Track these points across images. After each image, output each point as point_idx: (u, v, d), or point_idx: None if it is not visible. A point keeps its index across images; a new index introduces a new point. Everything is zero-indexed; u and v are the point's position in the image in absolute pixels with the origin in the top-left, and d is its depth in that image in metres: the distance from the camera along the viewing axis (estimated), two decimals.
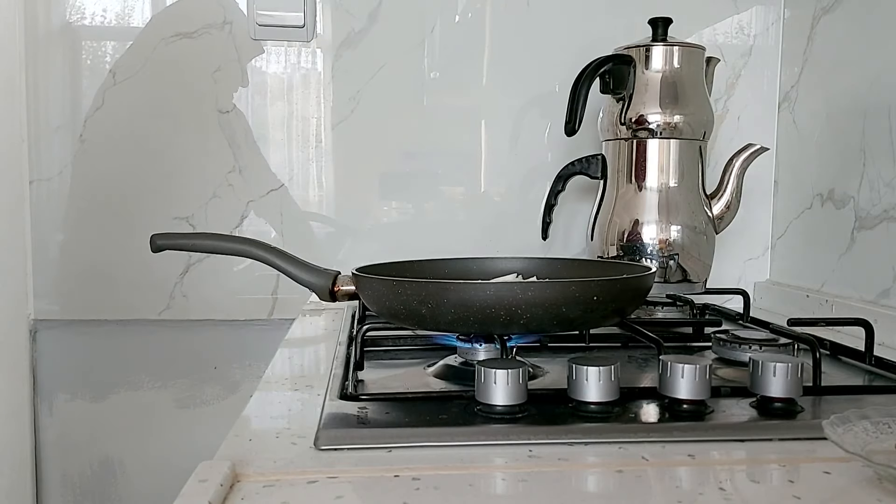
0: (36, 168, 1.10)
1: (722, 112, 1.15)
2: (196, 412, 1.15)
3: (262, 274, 1.12)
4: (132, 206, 1.11)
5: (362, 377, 0.65)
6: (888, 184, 0.89)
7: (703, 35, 1.15)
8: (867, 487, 0.42)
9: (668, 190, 0.97)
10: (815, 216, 1.05)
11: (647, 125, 0.96)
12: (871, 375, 0.68)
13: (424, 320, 0.62)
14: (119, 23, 1.10)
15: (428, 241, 1.13)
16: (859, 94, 0.96)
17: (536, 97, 1.15)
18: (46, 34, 1.09)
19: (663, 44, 0.96)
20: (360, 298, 0.71)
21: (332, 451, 0.48)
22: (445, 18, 1.14)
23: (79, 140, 1.10)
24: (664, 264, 0.96)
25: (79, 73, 1.09)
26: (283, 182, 1.13)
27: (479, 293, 0.60)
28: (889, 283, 0.89)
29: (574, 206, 1.13)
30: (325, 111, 1.14)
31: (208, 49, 1.10)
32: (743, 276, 1.18)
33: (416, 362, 0.71)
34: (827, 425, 0.45)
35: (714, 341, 0.72)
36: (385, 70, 1.13)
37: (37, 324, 1.12)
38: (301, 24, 1.10)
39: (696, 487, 0.44)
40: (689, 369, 0.52)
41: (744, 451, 0.49)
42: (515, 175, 1.17)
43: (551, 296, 0.60)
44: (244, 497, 0.41)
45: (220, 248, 0.79)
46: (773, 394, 0.53)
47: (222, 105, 1.11)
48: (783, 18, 1.15)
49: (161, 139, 1.11)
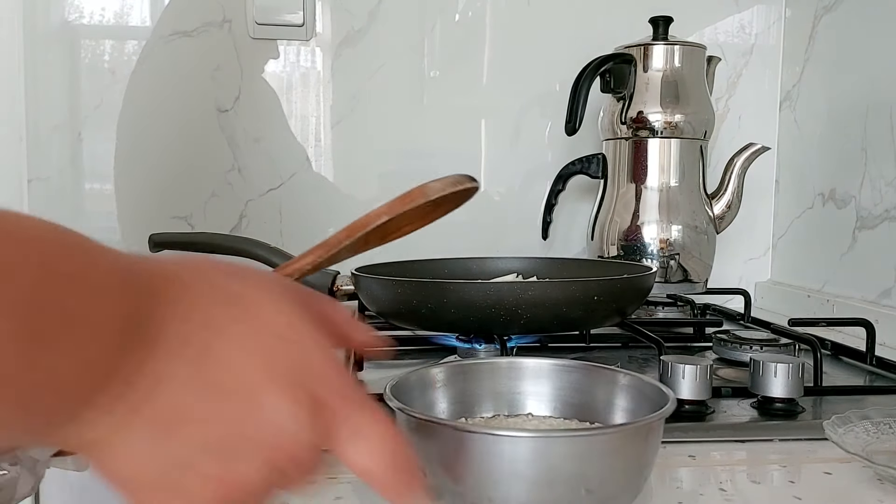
0: (34, 167, 1.09)
1: (723, 111, 1.15)
2: None
3: None
4: (131, 206, 1.11)
5: (362, 377, 0.65)
6: (890, 183, 0.89)
7: (704, 34, 1.14)
8: (868, 488, 0.42)
9: (668, 189, 0.97)
10: (817, 216, 1.05)
11: (647, 124, 0.96)
12: (873, 376, 0.68)
13: (424, 320, 0.62)
14: (118, 21, 1.09)
15: (428, 241, 1.12)
16: (861, 94, 0.95)
17: (536, 97, 1.15)
18: (45, 33, 1.09)
19: (664, 43, 0.96)
20: (360, 298, 0.71)
21: None
22: (445, 17, 1.14)
23: (77, 139, 1.09)
24: (665, 264, 0.96)
25: (77, 71, 1.09)
26: (282, 181, 1.13)
27: (479, 293, 0.60)
28: (890, 283, 0.88)
29: (574, 205, 1.12)
30: (324, 110, 1.13)
31: (207, 48, 1.10)
32: (744, 275, 1.18)
33: (415, 362, 0.71)
34: (828, 426, 0.45)
35: (715, 341, 0.72)
36: (385, 69, 1.13)
37: None
38: (300, 22, 1.10)
39: (697, 488, 0.44)
40: (690, 369, 0.51)
41: (744, 452, 0.49)
42: (515, 175, 1.16)
43: (551, 296, 0.60)
44: None
45: (219, 247, 0.79)
46: (774, 394, 0.53)
47: (221, 104, 1.11)
48: (784, 17, 1.15)
49: (160, 138, 1.11)
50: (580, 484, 0.35)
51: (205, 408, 0.26)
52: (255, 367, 0.27)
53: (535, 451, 0.35)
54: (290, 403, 0.27)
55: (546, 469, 0.35)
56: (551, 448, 0.35)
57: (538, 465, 0.35)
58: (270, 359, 0.27)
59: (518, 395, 0.47)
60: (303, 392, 0.27)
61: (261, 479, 0.27)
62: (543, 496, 0.35)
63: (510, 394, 0.47)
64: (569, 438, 0.36)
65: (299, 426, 0.27)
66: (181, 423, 0.26)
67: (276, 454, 0.27)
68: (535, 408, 0.46)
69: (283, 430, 0.27)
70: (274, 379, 0.27)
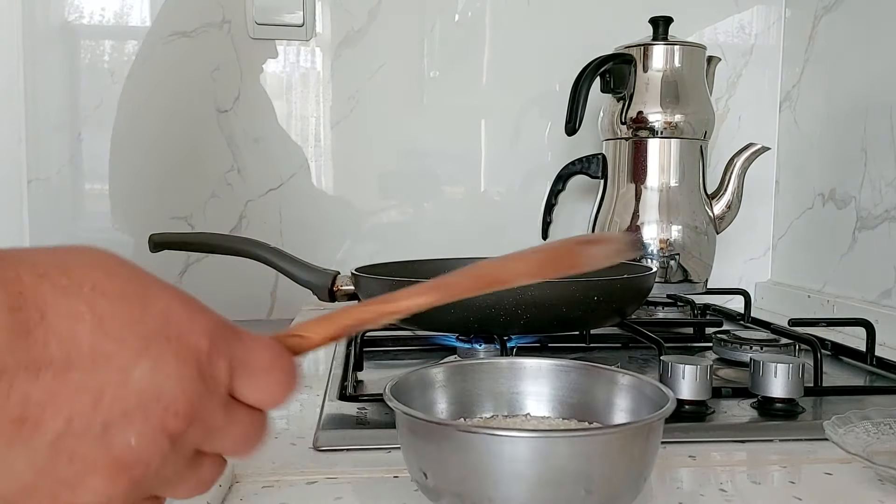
0: (34, 167, 1.09)
1: (723, 111, 1.15)
2: None
3: (261, 274, 1.11)
4: (130, 206, 1.11)
5: (362, 377, 0.65)
6: (889, 183, 0.89)
7: (704, 34, 1.14)
8: (868, 488, 0.42)
9: (668, 190, 0.97)
10: (817, 216, 1.05)
11: (647, 125, 0.96)
12: (873, 376, 0.68)
13: (424, 320, 0.62)
14: (117, 22, 1.09)
15: (428, 241, 1.12)
16: (861, 94, 0.95)
17: (536, 97, 1.15)
18: (45, 33, 1.08)
19: (664, 43, 0.96)
20: (360, 298, 0.71)
21: (332, 451, 0.48)
22: (445, 17, 1.14)
23: (77, 139, 1.09)
24: (665, 264, 0.96)
25: (77, 72, 1.09)
26: (282, 181, 1.13)
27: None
28: (890, 284, 0.88)
29: (574, 205, 1.12)
30: (324, 110, 1.13)
31: (207, 48, 1.10)
32: (744, 276, 1.18)
33: (415, 362, 0.71)
34: (828, 426, 0.45)
35: (715, 342, 0.72)
36: (384, 69, 1.13)
37: None
38: (300, 22, 1.10)
39: (697, 488, 0.43)
40: (690, 370, 0.51)
41: (745, 452, 0.49)
42: (515, 175, 1.16)
43: (551, 296, 0.60)
44: (243, 498, 0.41)
45: (218, 247, 0.79)
46: (774, 394, 0.53)
47: (221, 104, 1.11)
48: (784, 18, 1.15)
49: (159, 138, 1.11)
50: (580, 484, 0.35)
51: (65, 390, 0.24)
52: (106, 331, 0.25)
53: (535, 451, 0.35)
54: (160, 360, 0.25)
55: (546, 469, 0.34)
56: (551, 448, 0.35)
57: (538, 465, 0.35)
58: (126, 320, 0.25)
59: (518, 396, 0.47)
60: (172, 345, 0.26)
61: (159, 448, 0.25)
62: (543, 496, 0.35)
63: (510, 394, 0.47)
64: (569, 438, 0.36)
65: (178, 379, 0.25)
66: (41, 414, 0.23)
67: (166, 416, 0.25)
68: (535, 408, 0.46)
69: (163, 389, 0.25)
70: (134, 339, 0.25)
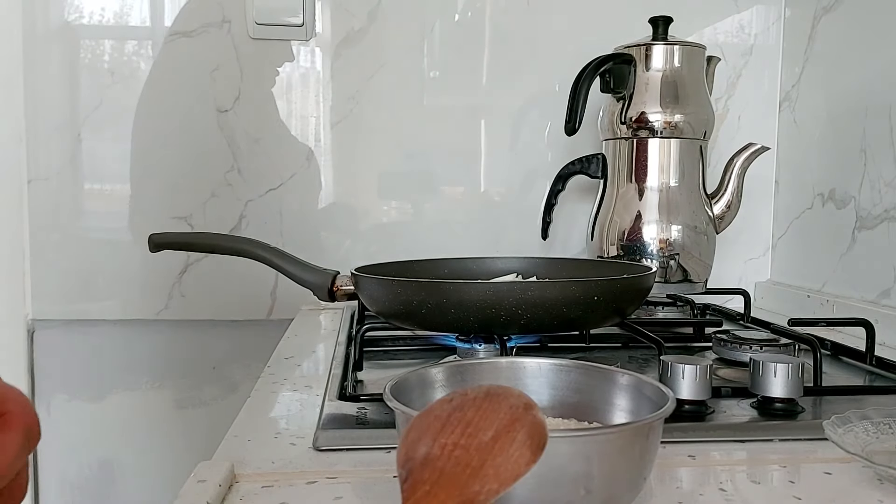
0: (34, 167, 1.09)
1: (722, 111, 1.15)
2: (195, 412, 1.15)
3: (261, 274, 1.11)
4: (130, 206, 1.11)
5: (361, 377, 0.65)
6: (889, 183, 0.89)
7: (704, 34, 1.15)
8: (868, 488, 0.42)
9: (668, 189, 0.97)
10: (816, 216, 1.05)
11: (647, 124, 0.96)
12: (872, 376, 0.68)
13: (424, 320, 0.62)
14: (117, 22, 1.09)
15: (428, 241, 1.13)
16: (860, 94, 0.95)
17: (536, 97, 1.15)
18: (45, 33, 1.08)
19: (664, 43, 0.96)
20: (360, 298, 0.71)
21: (331, 451, 0.48)
22: (445, 18, 1.14)
23: (77, 139, 1.09)
24: (664, 264, 0.96)
25: (77, 72, 1.09)
26: (282, 181, 1.13)
27: (479, 293, 0.59)
28: (890, 283, 0.88)
29: (574, 205, 1.12)
30: (324, 110, 1.13)
31: (207, 48, 1.10)
32: (743, 276, 1.18)
33: (415, 362, 0.71)
34: (828, 426, 0.45)
35: (715, 341, 0.72)
36: (384, 69, 1.13)
37: (34, 324, 1.12)
38: (300, 22, 1.10)
39: (697, 488, 0.44)
40: (690, 369, 0.51)
41: (744, 452, 0.49)
42: (515, 175, 1.16)
43: (551, 296, 0.60)
44: (243, 497, 0.41)
45: (218, 247, 0.79)
46: (774, 394, 0.53)
47: (221, 104, 1.11)
48: (784, 18, 1.15)
49: (159, 138, 1.11)
50: (580, 484, 0.35)
51: None
52: None
53: None
54: None
55: (546, 469, 0.34)
56: (551, 448, 0.35)
57: (538, 465, 0.35)
58: None
59: None
60: None
61: None
62: (543, 496, 0.35)
63: None
64: (569, 438, 0.36)
65: None
66: None
67: None
68: None
69: None
70: None
